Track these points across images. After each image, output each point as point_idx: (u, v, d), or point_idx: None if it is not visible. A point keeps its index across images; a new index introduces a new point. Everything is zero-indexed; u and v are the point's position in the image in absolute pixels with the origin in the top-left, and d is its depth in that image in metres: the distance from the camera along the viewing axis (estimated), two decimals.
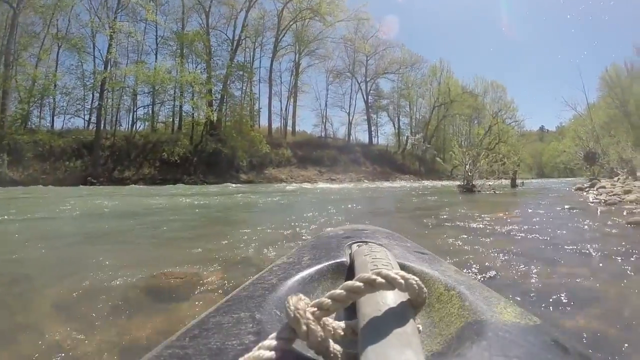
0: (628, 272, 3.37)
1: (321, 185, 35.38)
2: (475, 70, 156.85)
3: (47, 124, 47.06)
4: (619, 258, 3.85)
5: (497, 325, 0.67)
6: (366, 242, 1.20)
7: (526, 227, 6.04)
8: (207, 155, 46.57)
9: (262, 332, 0.65)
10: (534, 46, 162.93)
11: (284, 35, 62.23)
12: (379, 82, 76.04)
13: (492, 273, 3.42)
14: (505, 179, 26.40)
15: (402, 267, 0.95)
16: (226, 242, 5.08)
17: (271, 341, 0.55)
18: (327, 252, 1.16)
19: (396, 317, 0.59)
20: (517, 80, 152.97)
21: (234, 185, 32.61)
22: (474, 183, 19.47)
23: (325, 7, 58.92)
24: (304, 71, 68.32)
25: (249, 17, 57.50)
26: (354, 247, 1.16)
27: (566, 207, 9.42)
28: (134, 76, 48.59)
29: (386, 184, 37.60)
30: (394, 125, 78.50)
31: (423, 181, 47.46)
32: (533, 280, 3.19)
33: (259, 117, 62.36)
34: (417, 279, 0.65)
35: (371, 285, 0.61)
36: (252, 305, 0.78)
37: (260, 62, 63.69)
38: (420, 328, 0.72)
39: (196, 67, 54.83)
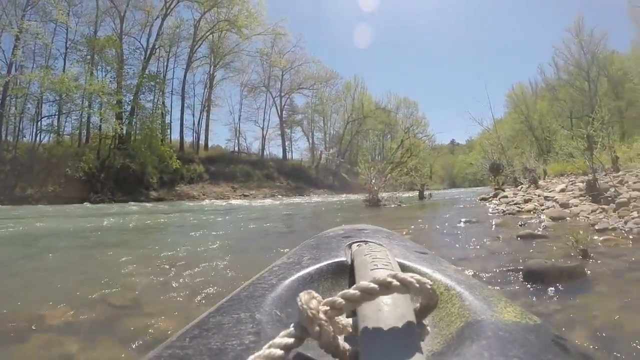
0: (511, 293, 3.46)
1: (233, 201, 35.06)
2: (389, 86, 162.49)
3: None
4: (501, 276, 3.99)
5: (497, 325, 0.67)
6: (366, 241, 1.21)
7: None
8: (115, 171, 44.60)
9: (262, 332, 0.66)
10: (446, 64, 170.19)
11: (199, 46, 61.14)
12: (294, 97, 76.43)
13: None
14: (416, 190, 27.18)
15: (402, 266, 0.98)
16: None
17: (282, 339, 0.55)
18: (327, 252, 1.18)
19: (397, 316, 0.59)
20: (429, 97, 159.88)
21: (138, 204, 31.02)
22: (378, 197, 19.74)
23: (243, 20, 58.17)
24: (218, 84, 67.59)
25: (165, 25, 55.97)
26: (354, 246, 1.18)
27: (463, 220, 9.59)
28: (39, 82, 44.89)
29: (299, 199, 37.88)
30: (308, 140, 79.32)
31: (336, 196, 47.73)
32: None
33: (171, 130, 60.94)
34: (431, 283, 0.65)
35: (387, 288, 0.61)
36: (252, 305, 0.78)
37: (173, 72, 61.68)
38: (429, 329, 0.75)
39: (106, 75, 52.58)
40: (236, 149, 70.03)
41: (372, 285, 0.61)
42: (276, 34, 65.94)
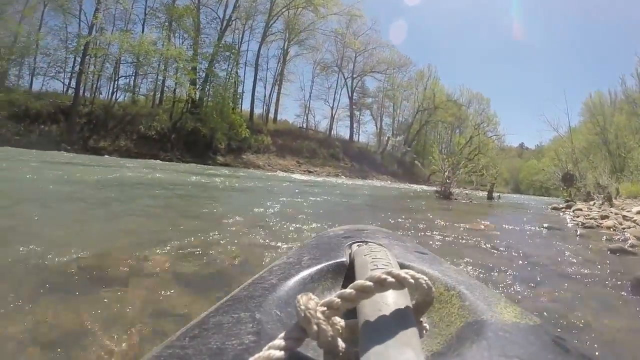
0: (618, 302, 3.33)
1: (299, 176, 34.84)
2: (462, 80, 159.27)
3: (25, 84, 45.61)
4: (606, 285, 3.81)
5: (497, 325, 0.68)
6: (366, 242, 1.19)
7: (505, 242, 6.02)
8: (185, 134, 45.77)
9: (262, 332, 0.66)
10: (523, 64, 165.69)
11: (274, 21, 61.42)
12: (365, 79, 75.61)
13: None
14: (482, 190, 26.38)
15: (402, 267, 0.95)
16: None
17: (281, 341, 0.55)
18: (327, 252, 1.15)
19: (397, 316, 0.60)
20: (503, 95, 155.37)
21: (208, 167, 31.72)
22: (451, 190, 19.36)
23: None
24: (291, 60, 67.86)
25: None
26: (354, 247, 1.15)
27: (545, 225, 9.42)
28: (118, 44, 46.86)
29: (363, 182, 37.24)
30: (376, 125, 78.71)
31: (400, 183, 47.19)
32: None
33: (242, 101, 61.23)
34: (426, 278, 0.66)
35: (382, 285, 0.62)
36: (252, 305, 0.78)
37: (248, 45, 62.39)
38: (427, 327, 0.75)
39: (182, 42, 53.84)
40: (304, 125, 70.20)
41: (368, 283, 0.62)
42: (352, 15, 65.91)
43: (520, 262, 4.60)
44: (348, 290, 0.61)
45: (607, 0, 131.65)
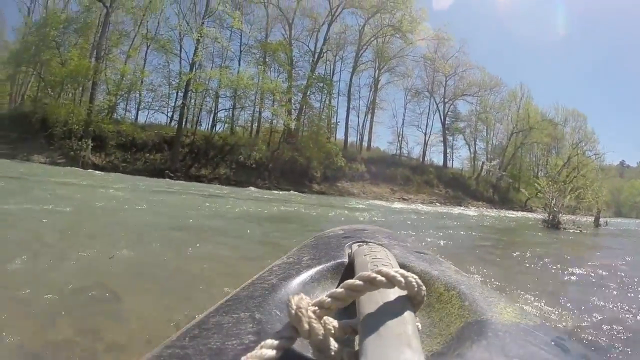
0: None
1: (396, 205, 34.36)
2: (556, 98, 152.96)
3: (132, 117, 49.02)
4: None
5: (497, 325, 0.67)
6: (366, 242, 1.23)
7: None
8: (282, 163, 46.82)
9: (262, 332, 0.66)
10: (620, 74, 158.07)
11: (364, 51, 62.14)
12: (457, 103, 74.47)
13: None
14: (582, 214, 25.01)
15: (402, 266, 0.96)
16: None
17: (273, 340, 0.55)
18: (327, 252, 1.18)
19: (396, 317, 0.59)
20: (598, 110, 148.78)
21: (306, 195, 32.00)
22: (559, 219, 17.98)
23: (407, 25, 58.56)
24: (382, 87, 67.86)
25: (331, 31, 57.68)
26: (354, 247, 1.18)
27: None
28: (218, 79, 49.28)
29: (458, 210, 36.20)
30: (470, 149, 76.55)
31: (496, 210, 45.92)
32: None
33: (336, 130, 61.86)
34: (416, 277, 0.65)
35: (371, 284, 0.62)
36: (252, 305, 0.78)
37: (340, 75, 63.65)
38: (420, 326, 0.73)
39: (278, 76, 55.53)
40: (397, 152, 69.54)
41: (357, 282, 0.62)
42: (440, 39, 65.72)
43: None
44: (339, 289, 0.62)
45: None
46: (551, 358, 0.59)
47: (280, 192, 31.26)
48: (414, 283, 0.63)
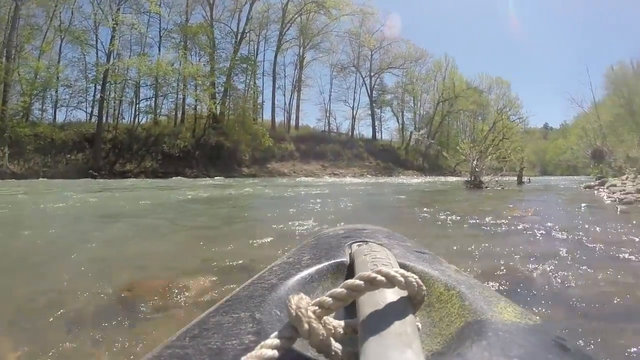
0: None
1: (330, 179, 35.09)
2: (480, 66, 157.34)
3: (49, 117, 46.82)
4: None
5: (497, 325, 0.67)
6: (366, 241, 1.19)
7: (550, 226, 5.72)
8: (209, 149, 46.65)
9: (262, 332, 0.65)
10: (539, 42, 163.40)
11: (288, 29, 62.06)
12: (383, 76, 75.51)
13: (527, 283, 3.09)
14: (511, 175, 26.18)
15: (402, 266, 0.94)
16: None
17: (273, 340, 0.55)
18: (327, 251, 1.14)
19: (396, 316, 0.59)
20: (522, 77, 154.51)
21: (236, 180, 32.03)
22: (481, 179, 19.22)
23: (331, 0, 58.62)
24: (308, 65, 68.04)
25: (254, 10, 57.27)
26: (354, 246, 1.15)
27: (583, 205, 9.19)
28: (137, 68, 48.22)
29: (390, 179, 37.36)
30: (398, 121, 78.12)
31: (427, 177, 47.03)
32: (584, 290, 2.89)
33: (262, 110, 61.91)
34: (416, 277, 0.65)
35: (371, 283, 0.62)
36: (252, 305, 0.78)
37: (264, 55, 63.29)
38: (420, 326, 0.73)
39: (199, 59, 54.72)
40: (326, 128, 70.22)
41: (358, 282, 0.62)
42: (364, 14, 65.89)
43: (569, 246, 4.32)
44: (339, 289, 0.62)
45: None
46: (551, 358, 0.59)
47: (207, 180, 31.29)
48: (414, 283, 0.64)
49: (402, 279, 0.63)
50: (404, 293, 0.66)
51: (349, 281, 0.63)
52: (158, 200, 11.67)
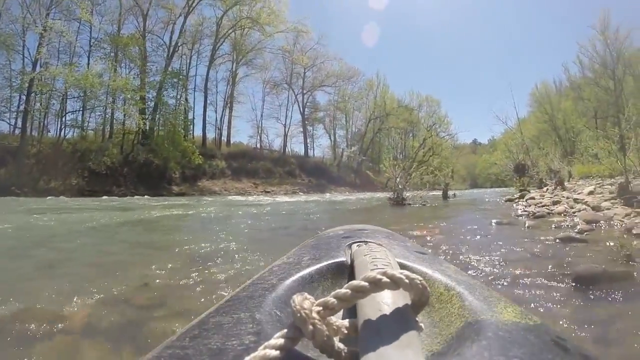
0: (559, 305, 3.23)
1: (259, 197, 35.14)
2: (411, 85, 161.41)
3: None
4: (549, 285, 3.72)
5: (497, 325, 0.68)
6: (366, 242, 1.21)
7: (447, 246, 5.95)
8: (138, 166, 45.33)
9: (262, 332, 0.66)
10: (469, 63, 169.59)
11: (221, 44, 61.81)
12: (316, 94, 76.66)
13: None
14: (439, 190, 26.89)
15: (402, 266, 0.97)
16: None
17: (277, 340, 0.55)
18: (327, 252, 1.17)
19: (397, 317, 0.60)
20: (452, 95, 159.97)
21: (164, 199, 31.32)
22: (403, 196, 19.62)
23: (265, 17, 58.76)
24: (240, 81, 68.16)
25: (187, 23, 56.71)
26: (354, 247, 1.17)
27: (494, 221, 9.42)
28: (64, 79, 45.76)
29: (321, 197, 37.53)
30: (330, 138, 79.46)
31: (358, 193, 47.84)
32: None
33: (193, 127, 61.17)
34: (421, 278, 0.65)
35: (376, 285, 0.62)
36: (252, 305, 0.79)
37: (196, 69, 62.77)
38: (423, 327, 0.73)
39: (129, 72, 53.37)
40: (258, 145, 70.42)
41: (363, 283, 0.62)
42: (298, 32, 66.31)
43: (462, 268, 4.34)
44: (343, 290, 0.62)
45: None
46: (551, 358, 0.59)
47: (133, 198, 30.55)
48: (419, 285, 0.64)
49: (407, 281, 0.63)
50: (406, 294, 0.66)
51: (354, 282, 0.63)
52: (90, 222, 11.33)
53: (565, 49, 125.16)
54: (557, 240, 6.01)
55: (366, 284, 0.62)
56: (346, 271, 1.04)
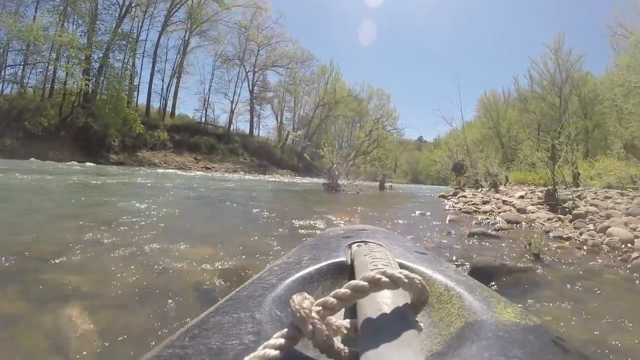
0: None
1: (197, 172, 34.61)
2: (363, 76, 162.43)
3: None
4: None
5: (497, 325, 0.68)
6: (366, 242, 1.21)
7: None
8: (76, 130, 43.52)
9: (262, 332, 0.67)
10: (422, 61, 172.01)
11: (177, 10, 59.71)
12: (267, 74, 75.53)
13: None
14: (376, 181, 27.22)
15: (402, 267, 0.98)
16: None
17: (276, 340, 0.56)
18: (327, 252, 1.18)
19: (397, 317, 0.60)
20: (402, 91, 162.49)
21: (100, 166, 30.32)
22: (338, 182, 19.73)
23: None
24: (191, 51, 66.22)
25: None
26: (354, 247, 1.17)
27: (418, 212, 9.76)
28: (6, 29, 43.00)
29: (262, 177, 37.64)
30: (277, 119, 79.12)
31: (298, 178, 48.24)
32: None
33: (138, 94, 59.38)
34: (420, 278, 0.66)
35: (376, 285, 0.62)
36: (252, 305, 0.79)
37: (147, 34, 59.81)
38: (422, 326, 0.75)
39: (77, 28, 50.71)
40: (203, 120, 68.89)
41: (362, 283, 0.62)
42: (257, 8, 65.58)
43: None
44: (343, 290, 0.62)
45: (506, 6, 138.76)
46: (551, 358, 0.59)
47: (66, 165, 29.20)
48: (419, 284, 0.64)
49: (406, 280, 0.63)
50: (406, 294, 0.67)
51: (353, 282, 0.63)
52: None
53: (518, 62, 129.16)
54: (471, 235, 6.22)
55: (365, 283, 0.62)
56: (346, 271, 1.04)
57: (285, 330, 0.58)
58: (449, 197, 17.33)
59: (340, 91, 74.64)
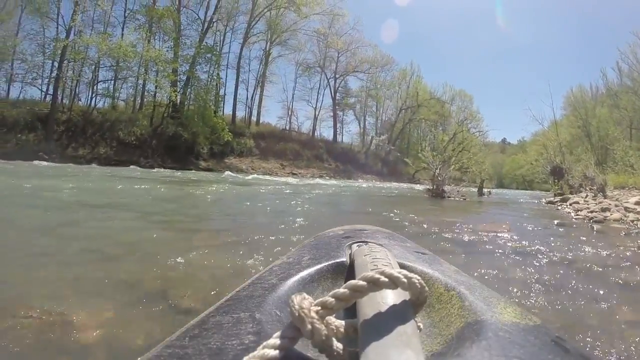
0: None
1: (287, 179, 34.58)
2: (445, 78, 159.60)
3: (2, 92, 44.23)
4: None
5: (497, 325, 0.68)
6: (366, 242, 1.20)
7: (527, 243, 5.52)
8: (166, 139, 45.09)
9: (262, 332, 0.66)
10: (507, 60, 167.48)
11: (256, 22, 61.00)
12: (348, 79, 75.44)
13: None
14: (469, 186, 26.24)
15: (402, 267, 0.95)
16: None
17: (275, 340, 0.55)
18: (327, 252, 1.16)
19: (397, 317, 0.59)
20: (486, 92, 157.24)
21: (194, 173, 31.16)
22: (443, 189, 19.00)
23: None
24: (273, 61, 67.47)
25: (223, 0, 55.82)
26: (354, 247, 1.16)
27: (555, 222, 9.01)
28: (97, 47, 45.13)
29: (349, 183, 37.23)
30: (360, 125, 78.89)
31: (385, 182, 47.19)
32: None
33: (224, 103, 60.85)
34: (419, 278, 0.65)
35: (375, 284, 0.62)
36: (252, 305, 0.79)
37: (230, 47, 62.29)
38: (421, 327, 0.74)
39: (163, 44, 52.82)
40: (287, 127, 69.83)
41: (361, 282, 0.62)
42: (334, 15, 65.76)
43: (562, 268, 4.12)
44: (342, 289, 0.62)
45: None
46: (551, 358, 0.59)
47: (162, 171, 30.17)
48: (417, 284, 0.63)
49: (405, 280, 0.63)
50: (406, 294, 0.66)
51: (352, 282, 0.63)
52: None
53: (607, 53, 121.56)
54: None
55: (364, 283, 0.62)
56: (346, 271, 1.04)
57: (284, 330, 0.58)
58: (559, 204, 16.53)
59: (423, 94, 73.96)
